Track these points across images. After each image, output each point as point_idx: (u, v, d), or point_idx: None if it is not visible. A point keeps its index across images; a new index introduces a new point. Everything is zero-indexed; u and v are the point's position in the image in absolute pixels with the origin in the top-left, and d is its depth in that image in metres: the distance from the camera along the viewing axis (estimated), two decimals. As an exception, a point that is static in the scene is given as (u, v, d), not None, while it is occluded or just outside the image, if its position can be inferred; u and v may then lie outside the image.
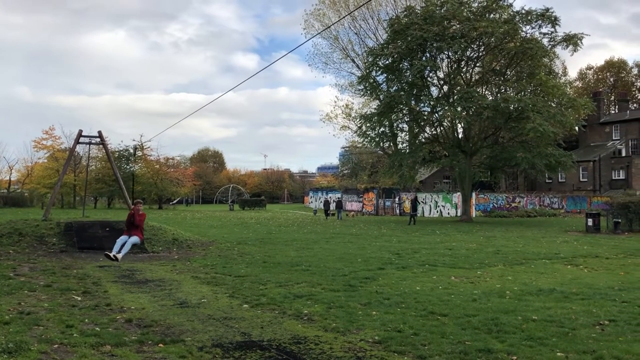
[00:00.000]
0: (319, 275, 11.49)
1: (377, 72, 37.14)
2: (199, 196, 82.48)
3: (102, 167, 53.92)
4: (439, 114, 35.28)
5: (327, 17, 50.83)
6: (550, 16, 33.58)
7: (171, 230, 18.89)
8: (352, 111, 53.66)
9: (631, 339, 6.37)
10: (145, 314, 7.72)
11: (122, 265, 12.95)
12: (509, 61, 35.57)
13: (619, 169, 55.80)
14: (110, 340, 6.17)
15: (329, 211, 42.06)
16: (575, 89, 65.83)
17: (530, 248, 17.56)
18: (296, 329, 6.92)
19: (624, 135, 57.79)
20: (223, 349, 6.01)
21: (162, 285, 10.31)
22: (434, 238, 21.62)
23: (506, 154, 35.20)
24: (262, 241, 19.76)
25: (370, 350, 5.97)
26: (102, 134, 21.28)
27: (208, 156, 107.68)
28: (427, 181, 56.54)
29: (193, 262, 13.72)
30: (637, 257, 15.11)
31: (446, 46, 32.84)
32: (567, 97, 35.95)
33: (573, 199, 50.86)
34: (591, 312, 7.80)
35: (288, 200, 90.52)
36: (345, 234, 23.87)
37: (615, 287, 10.04)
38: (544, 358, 5.60)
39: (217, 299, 8.88)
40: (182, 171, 64.97)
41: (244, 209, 58.44)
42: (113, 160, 24.50)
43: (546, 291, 9.55)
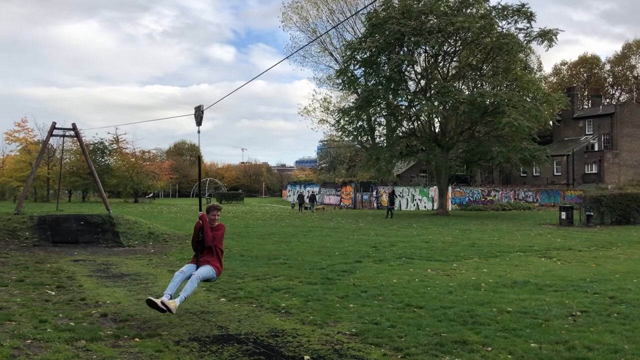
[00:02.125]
0: (297, 268, 11.50)
1: (355, 66, 37.19)
2: (175, 190, 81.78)
3: (77, 160, 53.10)
4: (416, 108, 35.48)
5: (305, 10, 50.77)
6: (526, 12, 33.96)
7: (147, 224, 18.71)
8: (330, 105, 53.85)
9: (602, 329, 6.50)
10: (120, 308, 7.64)
11: (97, 260, 12.79)
12: (485, 56, 35.90)
13: (591, 163, 56.85)
14: (84, 335, 6.09)
15: (303, 204, 42.31)
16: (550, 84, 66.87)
17: (505, 241, 17.81)
18: (274, 322, 6.92)
19: (596, 130, 58.85)
20: (200, 342, 5.97)
21: (138, 279, 10.20)
22: (410, 231, 21.78)
23: (482, 148, 35.59)
24: (239, 235, 19.69)
25: (348, 343, 5.99)
26: (76, 126, 20.93)
27: (185, 149, 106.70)
28: (404, 175, 56.92)
29: (169, 256, 13.61)
30: (608, 250, 15.43)
31: (423, 41, 32.99)
32: (542, 92, 36.45)
33: (547, 192, 51.70)
34: (564, 304, 7.94)
35: (266, 194, 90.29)
36: (323, 227, 23.91)
37: (587, 279, 10.24)
38: (518, 349, 5.68)
39: (194, 293, 8.78)
40: (159, 164, 64.33)
41: (222, 202, 58.13)
42: (87, 153, 24.12)
43: (520, 283, 9.69)
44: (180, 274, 7.00)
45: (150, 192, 63.41)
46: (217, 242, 7.33)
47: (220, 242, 7.45)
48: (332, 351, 5.68)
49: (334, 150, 70.06)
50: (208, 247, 7.26)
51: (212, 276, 7.28)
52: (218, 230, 7.40)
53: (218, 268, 7.30)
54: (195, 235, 7.32)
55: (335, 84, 45.65)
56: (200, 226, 7.26)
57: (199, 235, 7.27)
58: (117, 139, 57.51)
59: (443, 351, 5.63)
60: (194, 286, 6.99)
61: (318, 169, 78.68)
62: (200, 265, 7.17)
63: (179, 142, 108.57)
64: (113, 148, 57.67)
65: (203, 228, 7.23)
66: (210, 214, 7.44)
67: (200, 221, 7.27)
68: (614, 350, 5.64)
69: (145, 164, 59.11)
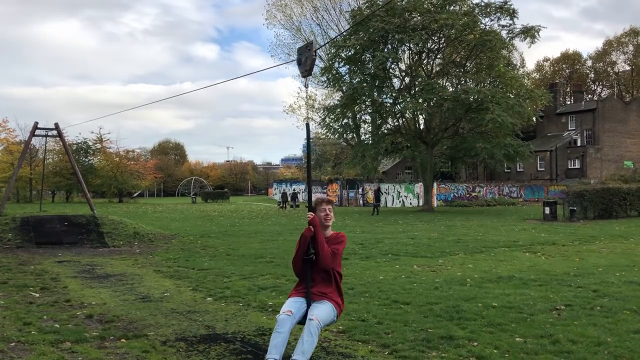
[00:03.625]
0: (284, 267, 11.48)
1: (339, 63, 37.21)
2: (160, 189, 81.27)
3: (60, 160, 52.54)
4: (401, 105, 35.59)
5: (289, 7, 50.66)
6: (508, 9, 34.21)
7: (132, 224, 18.57)
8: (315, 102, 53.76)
9: (585, 322, 6.59)
10: (106, 309, 7.58)
11: (81, 260, 12.68)
12: (468, 53, 36.10)
13: (574, 159, 57.49)
14: (70, 337, 6.04)
15: (287, 202, 42.47)
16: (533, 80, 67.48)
17: (490, 236, 17.95)
18: (261, 320, 6.92)
19: (579, 126, 59.51)
20: (187, 342, 5.95)
21: (124, 279, 10.13)
22: (396, 228, 21.86)
23: (466, 145, 35.82)
24: (225, 234, 19.63)
25: (335, 340, 6.01)
26: (59, 126, 20.71)
27: (169, 148, 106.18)
28: (390, 172, 57.11)
29: (155, 256, 13.53)
30: (591, 244, 15.63)
31: (407, 38, 33.11)
32: (525, 89, 36.74)
33: (531, 188, 52.19)
34: (548, 298, 8.03)
35: (252, 192, 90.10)
36: (309, 225, 23.89)
37: (571, 273, 10.36)
38: (503, 343, 5.74)
39: (180, 293, 8.79)
40: (143, 164, 63.87)
41: (207, 201, 57.90)
42: (71, 153, 23.87)
43: (505, 278, 9.78)
44: (287, 319, 4.63)
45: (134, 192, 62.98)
46: (337, 262, 4.91)
47: (339, 259, 4.98)
48: (320, 349, 5.69)
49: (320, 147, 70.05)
50: (323, 270, 4.83)
51: (332, 320, 4.89)
52: (338, 243, 4.95)
53: (339, 305, 4.89)
54: (303, 251, 4.85)
55: (320, 81, 45.72)
56: (312, 236, 4.79)
57: (309, 250, 4.82)
58: (101, 138, 57.02)
59: (430, 347, 5.67)
60: (315, 341, 4.58)
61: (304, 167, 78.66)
62: (313, 300, 4.78)
63: (163, 140, 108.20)
64: (97, 148, 57.14)
65: (316, 239, 4.76)
66: (319, 209, 5.05)
67: (312, 228, 4.80)
68: (597, 343, 5.72)
69: (130, 163, 58.66)
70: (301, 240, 4.87)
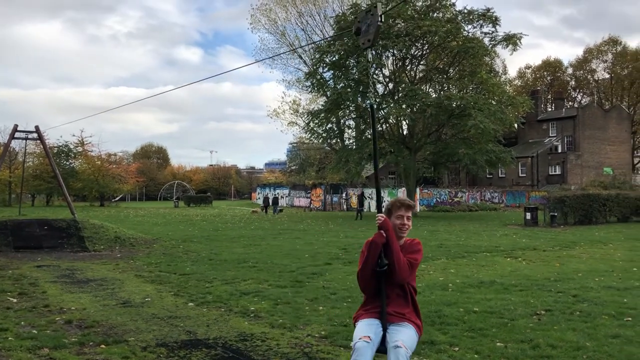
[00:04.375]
0: (266, 271, 11.45)
1: (324, 68, 37.31)
2: (142, 193, 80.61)
3: (40, 163, 51.90)
4: (385, 111, 35.75)
5: (274, 12, 50.70)
6: (491, 16, 34.57)
7: (113, 228, 18.39)
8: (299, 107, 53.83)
9: (565, 327, 6.66)
10: (86, 314, 7.48)
11: (61, 265, 12.53)
12: (451, 59, 36.39)
13: (555, 165, 58.18)
14: (48, 343, 5.95)
15: (269, 207, 42.43)
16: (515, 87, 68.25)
17: (472, 241, 18.07)
18: (242, 326, 6.88)
19: (560, 132, 60.25)
20: (168, 348, 5.90)
21: (104, 284, 10.02)
22: (379, 233, 21.90)
23: (449, 150, 36.06)
24: (208, 238, 19.52)
25: (317, 345, 6.00)
26: (39, 128, 20.47)
27: (152, 152, 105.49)
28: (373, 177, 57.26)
29: (136, 261, 13.40)
30: (571, 249, 15.81)
31: (391, 44, 33.29)
32: (507, 95, 37.12)
33: (512, 193, 52.68)
34: (529, 303, 8.10)
35: (235, 196, 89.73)
36: (293, 229, 23.87)
37: (551, 278, 10.46)
38: (484, 348, 5.78)
39: (161, 298, 8.72)
40: (125, 167, 63.34)
41: (190, 205, 57.54)
42: (51, 156, 23.59)
43: (487, 283, 9.85)
44: (366, 346, 3.67)
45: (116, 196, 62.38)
46: (413, 275, 4.04)
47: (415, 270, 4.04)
48: (302, 354, 5.68)
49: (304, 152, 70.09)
50: (397, 285, 3.91)
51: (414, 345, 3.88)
52: (414, 252, 3.99)
53: (420, 328, 4.01)
54: (373, 261, 3.84)
55: (305, 86, 45.77)
56: (384, 243, 3.83)
57: (380, 261, 3.83)
58: (82, 141, 56.48)
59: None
60: None
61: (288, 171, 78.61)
62: (390, 322, 3.85)
63: (146, 144, 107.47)
64: (78, 151, 56.54)
65: (390, 247, 3.82)
66: (395, 214, 4.04)
67: (384, 233, 3.85)
68: (576, 347, 5.78)
69: (111, 166, 58.17)
70: (370, 248, 3.84)
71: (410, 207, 4.08)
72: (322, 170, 61.57)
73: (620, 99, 67.97)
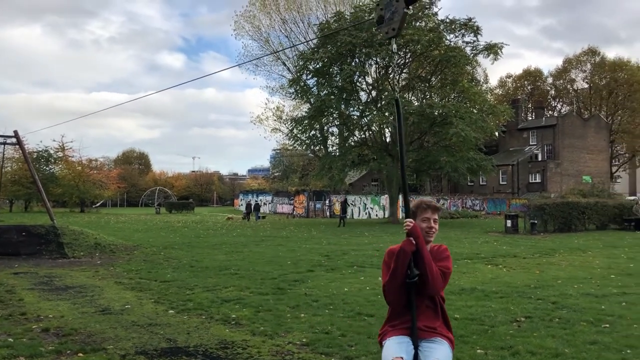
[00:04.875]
0: (248, 278, 11.40)
1: (307, 75, 37.42)
2: (123, 199, 79.82)
3: (19, 168, 51.09)
4: (368, 118, 35.95)
5: (258, 19, 50.74)
6: (472, 26, 34.96)
7: (93, 235, 18.17)
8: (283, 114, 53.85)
9: (544, 334, 6.72)
10: (64, 322, 7.37)
11: (39, 272, 12.33)
12: (433, 68, 36.72)
13: (535, 173, 58.87)
14: (24, 352, 5.85)
15: (251, 213, 42.23)
16: (496, 96, 68.96)
17: (453, 248, 18.15)
18: (223, 333, 6.83)
19: (540, 141, 61.02)
20: (147, 356, 5.84)
21: (84, 291, 9.89)
22: (362, 239, 21.95)
23: (431, 158, 36.31)
24: (189, 245, 19.37)
25: (298, 353, 5.98)
26: (18, 133, 20.17)
27: (133, 158, 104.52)
28: (356, 184, 57.42)
29: (117, 267, 13.25)
30: (551, 257, 15.97)
31: (374, 52, 33.51)
32: (488, 104, 37.55)
33: (493, 201, 53.18)
34: (509, 310, 8.16)
35: (217, 203, 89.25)
36: (275, 236, 23.81)
37: (531, 285, 10.56)
38: (465, 355, 5.80)
39: (141, 305, 8.62)
40: (106, 173, 62.65)
41: (171, 212, 57.08)
42: (31, 161, 23.26)
43: (468, 290, 9.91)
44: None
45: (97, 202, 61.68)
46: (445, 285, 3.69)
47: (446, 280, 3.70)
48: (283, 362, 5.65)
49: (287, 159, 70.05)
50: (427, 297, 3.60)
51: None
52: (444, 259, 3.67)
53: (452, 342, 3.66)
54: (403, 272, 3.53)
55: (288, 93, 45.85)
56: (413, 251, 3.49)
57: (410, 271, 3.49)
58: (63, 146, 55.76)
59: (392, 359, 5.68)
60: None
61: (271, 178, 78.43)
62: (422, 338, 3.53)
63: (127, 150, 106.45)
64: (58, 156, 55.81)
65: (421, 256, 3.49)
66: (421, 217, 3.69)
67: (413, 241, 3.50)
68: (555, 354, 5.84)
69: (92, 172, 57.46)
70: (399, 257, 3.50)
71: (438, 209, 3.74)
72: (306, 177, 61.58)
73: (599, 109, 69.07)
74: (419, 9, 34.76)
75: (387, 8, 3.92)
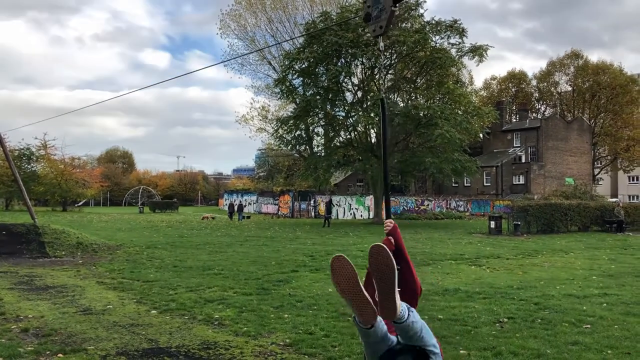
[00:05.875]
0: (232, 279, 11.34)
1: (293, 75, 37.32)
2: (106, 198, 79.09)
3: (0, 166, 50.39)
4: (353, 119, 35.95)
5: (244, 18, 50.52)
6: (458, 27, 35.11)
7: (75, 234, 17.96)
8: (268, 113, 53.67)
9: (527, 334, 6.76)
10: (44, 322, 7.27)
11: (19, 271, 12.17)
12: (419, 69, 36.84)
13: (519, 174, 59.36)
14: (2, 352, 5.76)
15: (233, 213, 42.14)
16: (481, 97, 69.38)
17: (437, 249, 18.25)
18: (206, 334, 6.78)
19: (523, 143, 61.55)
20: (128, 357, 5.77)
21: (64, 291, 9.76)
22: (347, 240, 21.96)
23: (416, 159, 36.41)
24: (172, 245, 19.24)
25: (281, 354, 5.95)
26: (-1, 131, 19.88)
27: (117, 156, 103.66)
28: (342, 184, 57.47)
29: (99, 267, 13.11)
30: (534, 258, 16.11)
31: (360, 53, 33.54)
32: (472, 106, 37.74)
33: (477, 202, 53.49)
34: (492, 311, 8.20)
35: (202, 202, 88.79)
36: (260, 236, 23.73)
37: (514, 286, 10.63)
38: (448, 356, 5.81)
39: (123, 305, 8.53)
40: (89, 172, 62.02)
41: (155, 211, 56.67)
42: (11, 159, 22.93)
43: (451, 291, 9.95)
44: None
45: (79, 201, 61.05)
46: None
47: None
48: (266, 362, 5.62)
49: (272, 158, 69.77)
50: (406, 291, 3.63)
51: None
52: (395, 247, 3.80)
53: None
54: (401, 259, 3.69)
55: (274, 92, 45.65)
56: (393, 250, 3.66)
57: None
58: (45, 144, 55.07)
59: None
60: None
61: (256, 178, 78.15)
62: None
63: (111, 148, 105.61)
64: (40, 154, 55.12)
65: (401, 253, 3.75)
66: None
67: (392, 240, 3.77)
68: (537, 354, 5.88)
69: (75, 171, 56.81)
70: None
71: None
72: (291, 177, 61.45)
73: (582, 111, 69.84)
74: (405, 10, 34.86)
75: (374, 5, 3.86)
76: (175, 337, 6.59)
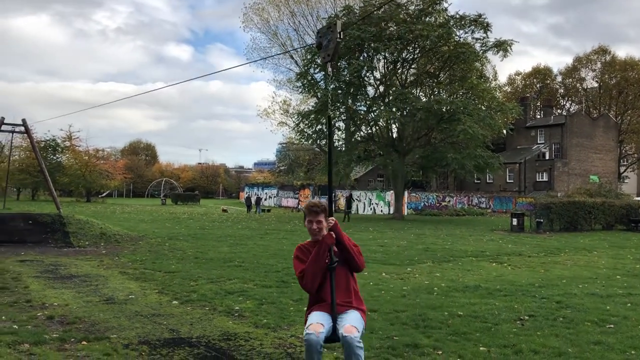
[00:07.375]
0: (252, 271, 11.42)
1: (315, 69, 37.29)
2: (129, 189, 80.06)
3: (27, 157, 51.29)
4: (375, 113, 35.82)
5: (267, 11, 50.63)
6: (482, 22, 34.72)
7: (99, 224, 18.24)
8: (290, 107, 53.75)
9: (548, 332, 6.70)
10: (68, 310, 7.41)
11: (45, 260, 12.41)
12: (442, 64, 36.53)
13: (542, 172, 58.63)
14: (28, 339, 5.88)
15: (251, 206, 42.54)
16: (504, 93, 68.61)
17: (458, 246, 18.14)
18: (226, 325, 6.85)
19: (547, 139, 60.73)
20: (150, 346, 5.86)
21: (88, 280, 9.93)
22: (367, 235, 21.93)
23: (437, 155, 36.19)
24: (194, 237, 19.42)
25: (301, 346, 5.97)
26: (26, 122, 20.24)
27: (140, 149, 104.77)
28: (362, 179, 57.34)
29: (121, 257, 13.31)
30: (556, 256, 15.92)
31: (383, 47, 33.37)
32: (496, 101, 37.34)
33: (499, 199, 52.98)
34: (513, 308, 8.14)
35: (223, 195, 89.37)
36: (280, 230, 23.83)
37: (535, 284, 10.52)
38: (467, 352, 5.79)
39: (145, 295, 8.65)
40: (112, 163, 62.82)
41: (177, 203, 57.21)
42: (38, 150, 23.34)
43: (472, 288, 9.89)
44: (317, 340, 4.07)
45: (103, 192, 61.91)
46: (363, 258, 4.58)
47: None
48: (285, 355, 5.66)
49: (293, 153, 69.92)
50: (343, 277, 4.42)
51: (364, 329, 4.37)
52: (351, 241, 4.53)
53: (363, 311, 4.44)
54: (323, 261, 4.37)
55: (295, 86, 45.68)
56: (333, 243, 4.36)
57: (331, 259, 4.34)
58: (70, 136, 55.92)
59: (395, 354, 5.68)
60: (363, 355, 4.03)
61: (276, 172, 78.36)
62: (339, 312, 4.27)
63: (134, 140, 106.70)
64: (65, 146, 56.00)
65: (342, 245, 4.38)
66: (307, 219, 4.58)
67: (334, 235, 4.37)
68: (558, 353, 5.82)
69: (99, 162, 57.58)
70: (321, 247, 4.28)
71: (318, 212, 4.42)
72: (311, 171, 61.51)
73: (608, 108, 68.67)
74: (428, 4, 34.59)
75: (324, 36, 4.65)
76: (196, 328, 6.67)
